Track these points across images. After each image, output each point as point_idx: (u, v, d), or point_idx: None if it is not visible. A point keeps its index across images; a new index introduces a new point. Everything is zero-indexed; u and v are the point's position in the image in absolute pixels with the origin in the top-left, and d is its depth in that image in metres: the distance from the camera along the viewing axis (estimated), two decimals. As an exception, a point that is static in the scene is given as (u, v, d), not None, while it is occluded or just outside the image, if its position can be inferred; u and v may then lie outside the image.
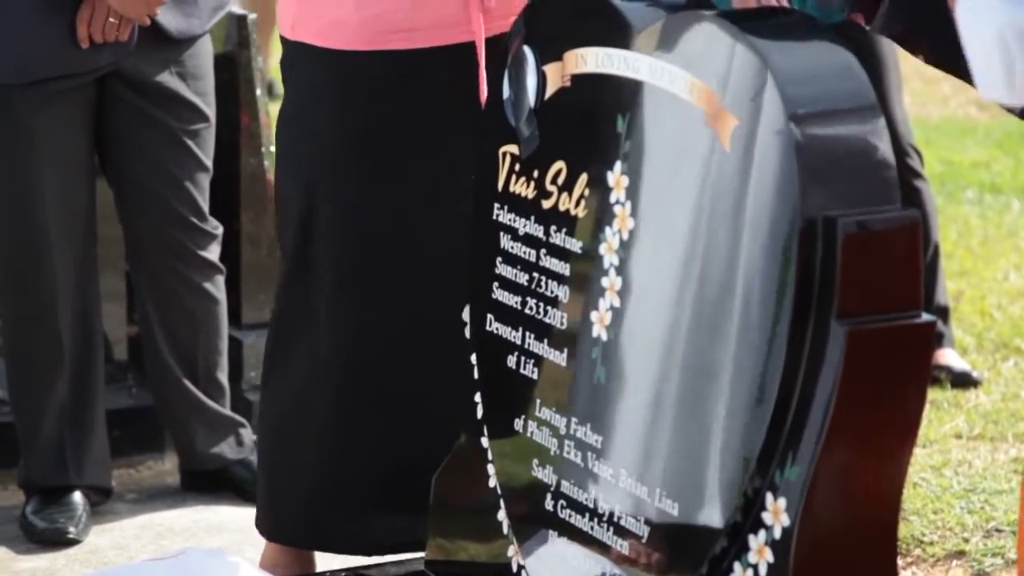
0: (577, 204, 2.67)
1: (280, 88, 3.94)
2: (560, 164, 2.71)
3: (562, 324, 2.70)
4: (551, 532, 2.72)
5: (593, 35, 2.65)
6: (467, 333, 2.95)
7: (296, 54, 3.13)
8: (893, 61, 4.52)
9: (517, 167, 2.79)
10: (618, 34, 2.60)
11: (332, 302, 3.12)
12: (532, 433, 2.75)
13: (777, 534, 2.34)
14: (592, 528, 2.63)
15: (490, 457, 2.88)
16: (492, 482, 2.88)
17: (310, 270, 3.12)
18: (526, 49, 2.76)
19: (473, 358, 2.92)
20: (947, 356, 4.43)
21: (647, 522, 2.53)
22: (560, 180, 2.70)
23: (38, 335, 3.86)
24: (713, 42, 2.45)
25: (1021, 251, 5.51)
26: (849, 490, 2.34)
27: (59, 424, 3.87)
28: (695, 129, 2.45)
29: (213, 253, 3.96)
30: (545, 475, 2.73)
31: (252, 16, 4.24)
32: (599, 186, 2.62)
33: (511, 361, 2.80)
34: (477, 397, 2.91)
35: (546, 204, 2.73)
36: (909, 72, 7.16)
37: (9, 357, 3.94)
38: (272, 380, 3.27)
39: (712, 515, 2.42)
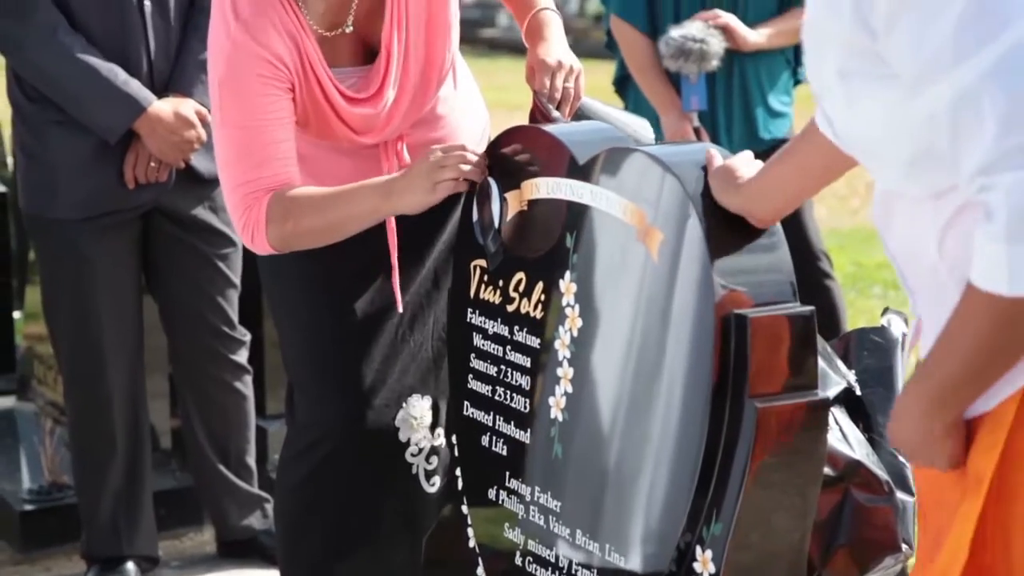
0: (535, 307, 2.66)
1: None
2: (521, 274, 2.70)
3: (525, 408, 2.69)
4: (521, 583, 2.72)
5: (543, 166, 2.66)
6: None
7: None
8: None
9: (486, 278, 2.79)
10: (564, 165, 2.62)
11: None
12: (503, 501, 2.74)
13: (706, 580, 2.35)
14: (554, 579, 2.63)
15: (469, 522, 2.86)
16: (472, 543, 2.86)
17: None
18: (490, 180, 2.76)
19: (453, 439, 2.92)
20: None
21: (599, 573, 2.52)
22: (521, 288, 2.70)
23: (96, 430, 3.87)
24: (645, 171, 2.46)
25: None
26: (763, 540, 2.33)
27: (114, 504, 3.87)
28: (629, 243, 2.46)
29: (242, 356, 3.97)
30: (515, 536, 2.71)
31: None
32: (553, 292, 2.62)
33: (484, 440, 2.79)
34: (458, 471, 2.90)
35: (510, 308, 2.72)
36: (825, 192, 7.21)
37: (73, 449, 3.95)
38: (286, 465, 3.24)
39: (652, 566, 2.41)
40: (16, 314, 5.07)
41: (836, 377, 2.67)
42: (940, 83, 1.83)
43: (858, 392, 2.75)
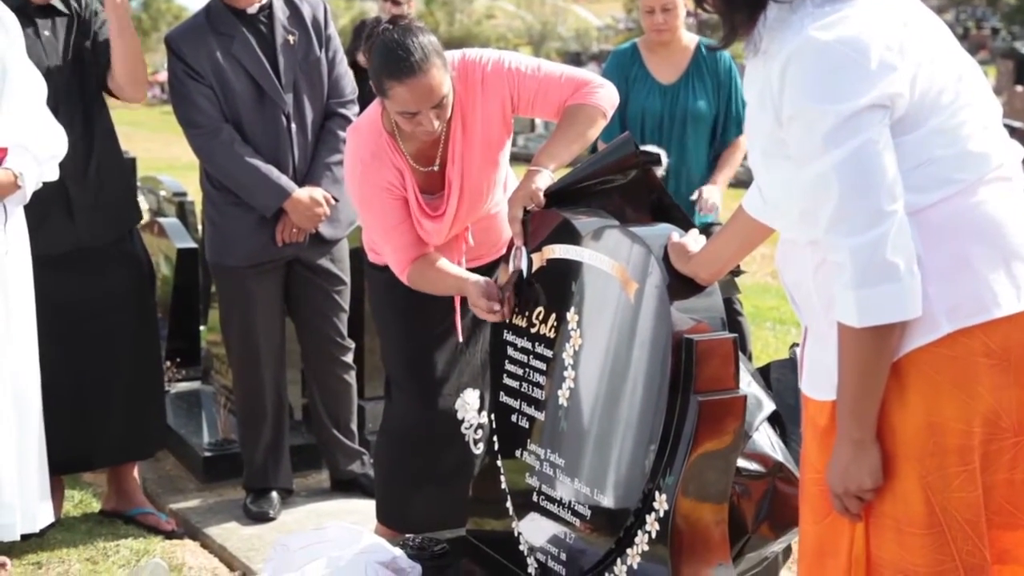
0: (551, 330, 2.65)
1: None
2: (540, 308, 2.69)
3: (542, 397, 2.67)
4: (535, 513, 2.69)
5: (558, 237, 2.65)
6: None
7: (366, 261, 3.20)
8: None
9: (516, 309, 2.77)
10: (572, 237, 2.61)
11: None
12: (525, 457, 2.72)
13: (662, 514, 2.32)
14: (559, 511, 2.60)
15: (502, 472, 2.84)
16: (503, 485, 2.84)
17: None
18: (521, 247, 2.75)
19: (493, 417, 2.90)
20: None
21: (589, 507, 2.51)
22: (541, 316, 2.68)
23: (253, 405, 3.86)
24: (626, 241, 2.45)
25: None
26: (699, 488, 2.31)
27: (264, 454, 3.86)
28: (614, 289, 2.45)
29: (349, 358, 3.96)
30: (532, 481, 2.69)
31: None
32: (562, 320, 2.61)
33: (514, 418, 2.77)
34: (495, 439, 2.87)
35: (533, 330, 2.70)
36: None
37: (238, 416, 3.95)
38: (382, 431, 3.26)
39: (626, 503, 2.40)
40: (201, 328, 5.09)
41: (768, 402, 2.63)
42: (814, 165, 1.82)
43: (775, 408, 2.73)
